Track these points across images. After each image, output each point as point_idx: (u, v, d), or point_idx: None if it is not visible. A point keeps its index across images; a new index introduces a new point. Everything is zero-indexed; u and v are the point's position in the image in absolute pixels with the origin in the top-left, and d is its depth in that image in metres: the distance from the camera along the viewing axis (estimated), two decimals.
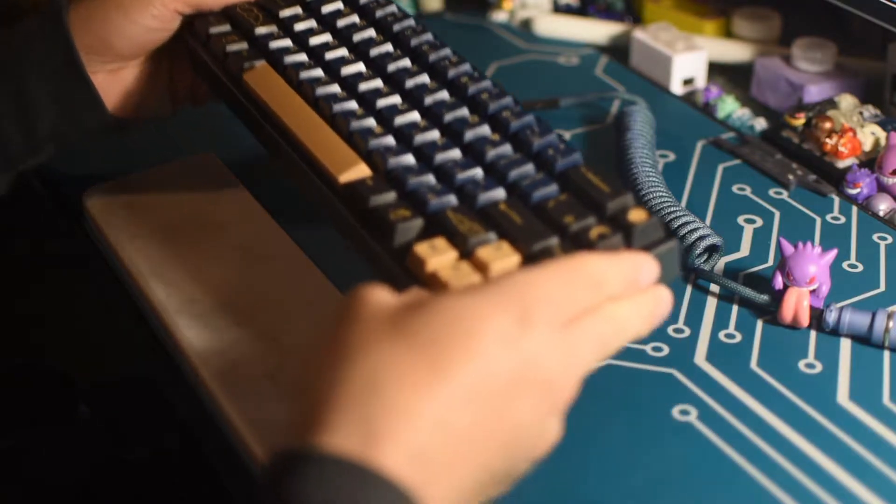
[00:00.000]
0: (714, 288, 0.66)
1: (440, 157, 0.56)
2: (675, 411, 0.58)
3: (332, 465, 0.40)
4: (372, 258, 0.53)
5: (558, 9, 0.99)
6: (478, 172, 0.55)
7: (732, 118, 0.84)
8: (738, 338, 0.63)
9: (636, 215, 0.50)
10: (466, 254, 0.50)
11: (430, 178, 0.54)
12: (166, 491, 0.62)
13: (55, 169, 0.77)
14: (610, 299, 0.46)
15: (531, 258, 0.49)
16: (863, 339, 0.63)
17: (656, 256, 0.49)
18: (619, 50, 0.93)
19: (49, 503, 0.56)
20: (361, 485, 0.40)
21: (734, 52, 0.90)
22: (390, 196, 0.53)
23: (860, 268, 0.69)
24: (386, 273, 0.52)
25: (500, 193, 0.53)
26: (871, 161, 0.76)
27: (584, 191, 0.52)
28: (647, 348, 0.62)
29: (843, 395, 0.59)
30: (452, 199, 0.53)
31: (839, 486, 0.54)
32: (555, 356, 0.44)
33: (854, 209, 0.74)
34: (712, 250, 0.68)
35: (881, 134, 0.78)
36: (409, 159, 0.56)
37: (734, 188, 0.76)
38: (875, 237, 0.71)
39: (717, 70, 0.90)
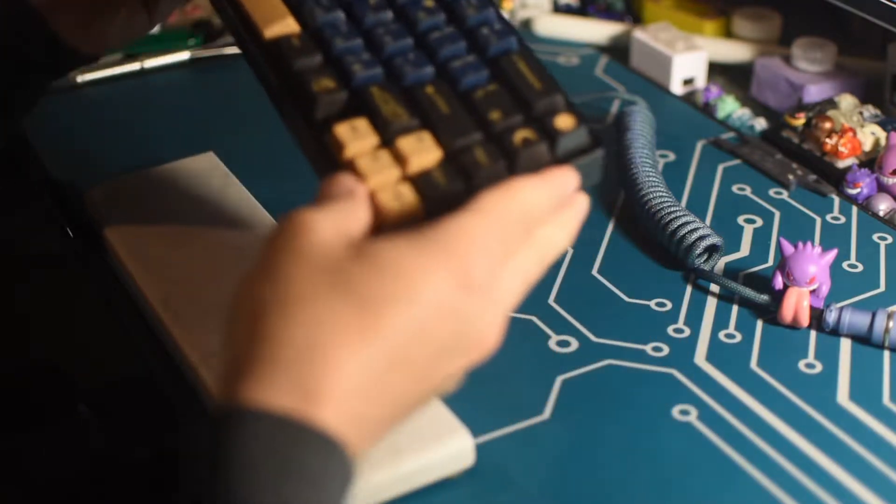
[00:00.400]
0: (714, 288, 0.66)
1: (371, 18, 0.53)
2: (675, 411, 0.58)
3: (269, 421, 0.40)
4: (295, 129, 0.51)
5: (558, 9, 0.99)
6: (408, 43, 0.52)
7: (732, 118, 0.84)
8: (738, 338, 0.63)
9: (563, 122, 0.48)
10: (388, 140, 0.48)
11: (359, 43, 0.52)
12: (166, 491, 0.62)
13: (55, 168, 0.77)
14: (538, 224, 0.47)
15: (452, 155, 0.48)
16: (863, 339, 0.63)
17: (580, 166, 0.48)
18: (619, 50, 0.93)
19: (48, 503, 0.56)
20: (298, 441, 0.40)
21: (734, 52, 0.90)
22: (316, 60, 0.51)
23: (860, 268, 0.69)
24: (308, 148, 0.50)
25: (428, 73, 0.51)
26: (871, 161, 0.76)
27: (514, 83, 0.50)
28: (647, 348, 0.62)
29: (843, 395, 0.59)
30: (379, 72, 0.50)
31: (839, 486, 0.54)
32: (488, 313, 0.45)
33: (854, 209, 0.74)
34: (712, 250, 0.68)
35: (881, 134, 0.78)
36: (339, 16, 0.53)
37: (734, 188, 0.76)
38: (875, 237, 0.71)
39: (717, 70, 0.90)
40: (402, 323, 0.42)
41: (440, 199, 0.46)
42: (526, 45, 0.52)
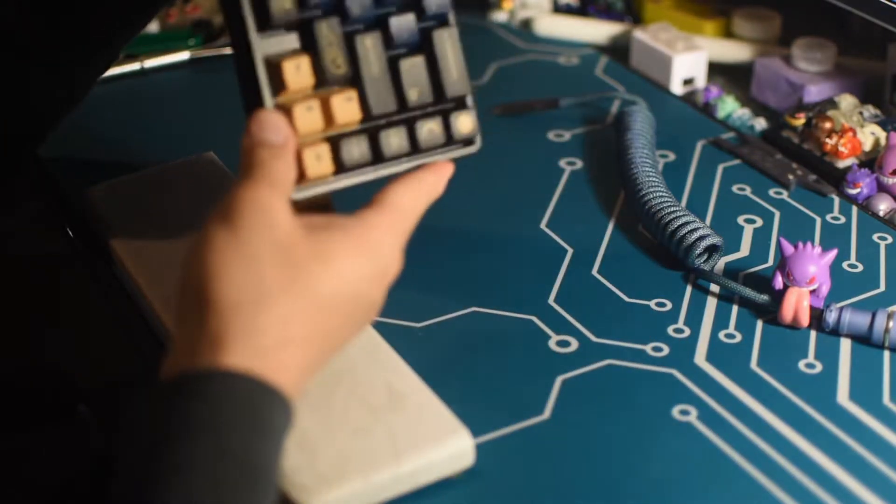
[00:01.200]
0: (714, 288, 0.66)
1: None
2: (675, 411, 0.58)
3: (247, 383, 0.46)
4: (241, 56, 0.54)
5: (558, 9, 0.99)
6: None
7: (732, 118, 0.84)
8: (738, 338, 0.63)
9: (465, 125, 0.56)
10: (322, 85, 0.53)
11: None
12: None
13: (56, 168, 0.77)
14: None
15: (368, 119, 0.54)
16: (863, 339, 0.63)
17: (455, 158, 0.56)
18: (619, 50, 0.93)
19: (49, 503, 0.56)
20: (268, 402, 0.46)
21: (734, 52, 0.90)
22: None
23: (860, 268, 0.69)
24: (247, 77, 0.54)
25: (371, 16, 0.54)
26: (871, 161, 0.76)
27: (436, 62, 0.55)
28: (647, 348, 0.62)
29: (843, 395, 0.59)
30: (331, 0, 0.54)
31: (839, 486, 0.54)
32: (383, 296, 0.52)
33: (854, 209, 0.74)
34: (712, 250, 0.68)
35: (881, 134, 0.78)
36: None
37: (734, 188, 0.76)
38: (875, 237, 0.71)
39: (717, 70, 0.90)
40: (337, 309, 0.49)
41: (351, 167, 0.54)
42: (455, 22, 0.56)
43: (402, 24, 0.55)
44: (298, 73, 0.52)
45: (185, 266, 0.49)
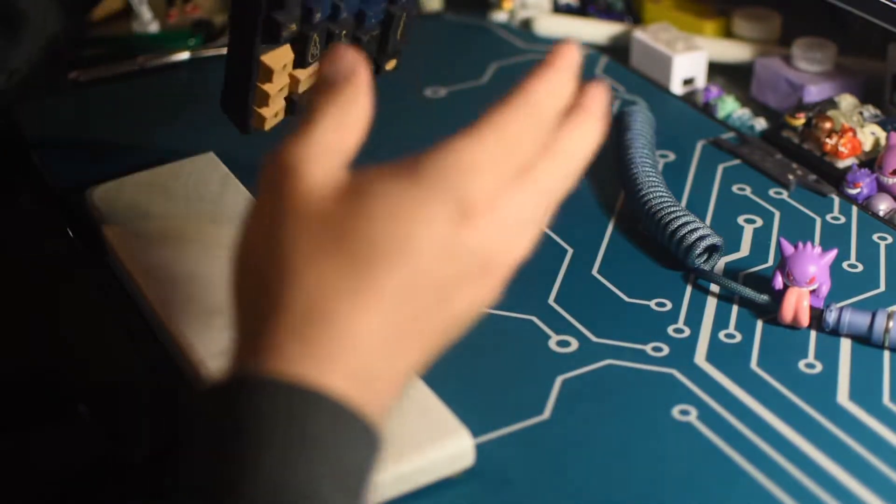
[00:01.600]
0: (714, 288, 0.66)
1: None
2: (675, 411, 0.58)
3: (280, 390, 0.39)
4: (239, 49, 0.61)
5: (558, 9, 0.99)
6: None
7: (732, 118, 0.84)
8: (738, 338, 0.63)
9: (390, 65, 0.66)
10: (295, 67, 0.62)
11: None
12: (166, 491, 0.62)
13: (55, 168, 0.77)
14: (554, 131, 0.43)
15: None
16: (863, 339, 0.63)
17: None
18: (619, 50, 0.93)
19: (49, 503, 0.56)
20: (310, 410, 0.39)
21: (734, 52, 0.90)
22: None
23: (860, 268, 0.69)
24: (238, 64, 0.60)
25: (353, 7, 0.62)
26: (871, 161, 0.76)
27: (388, 33, 0.64)
28: (647, 348, 0.62)
29: (843, 395, 0.59)
30: (328, 11, 0.61)
31: (839, 486, 0.54)
32: (496, 239, 0.42)
33: (854, 209, 0.74)
34: (712, 250, 0.68)
35: (881, 134, 0.78)
36: None
37: (734, 188, 0.76)
38: (875, 237, 0.71)
39: (717, 70, 0.90)
40: (399, 276, 0.40)
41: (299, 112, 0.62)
42: (415, 7, 0.65)
43: (375, 12, 0.62)
44: (283, 71, 0.61)
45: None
